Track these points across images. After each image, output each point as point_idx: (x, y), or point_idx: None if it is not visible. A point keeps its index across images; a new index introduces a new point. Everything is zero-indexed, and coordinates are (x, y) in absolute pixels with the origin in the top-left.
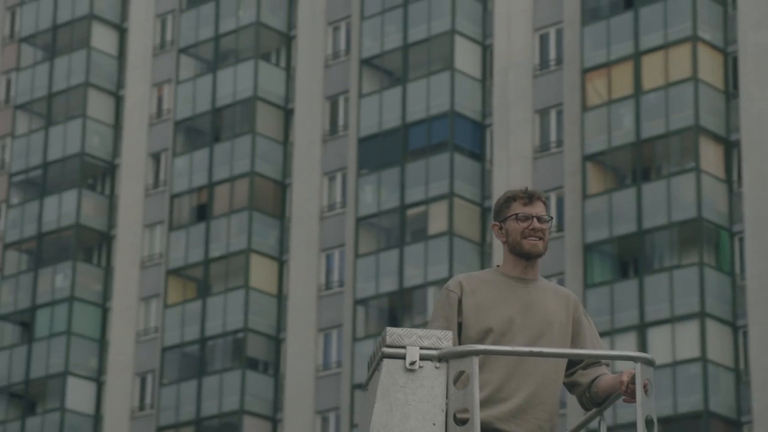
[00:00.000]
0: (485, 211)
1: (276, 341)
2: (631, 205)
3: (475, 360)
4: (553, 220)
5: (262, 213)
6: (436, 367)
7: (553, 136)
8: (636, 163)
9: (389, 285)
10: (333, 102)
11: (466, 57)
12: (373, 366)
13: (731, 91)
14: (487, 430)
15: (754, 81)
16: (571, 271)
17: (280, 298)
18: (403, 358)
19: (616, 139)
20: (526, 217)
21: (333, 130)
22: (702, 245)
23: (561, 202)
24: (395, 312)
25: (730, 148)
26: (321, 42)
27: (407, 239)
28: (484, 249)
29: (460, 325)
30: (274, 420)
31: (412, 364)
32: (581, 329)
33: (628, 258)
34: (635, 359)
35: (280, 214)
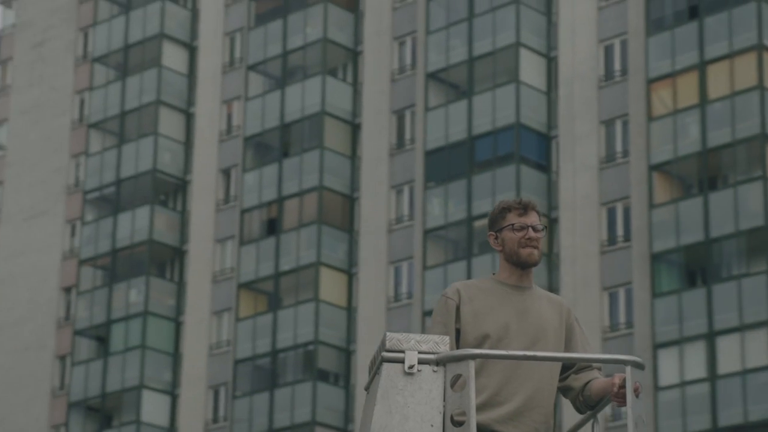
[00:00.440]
0: (552, 222)
1: (346, 353)
2: (698, 214)
3: (472, 364)
4: (546, 230)
5: (330, 226)
6: (434, 371)
7: (618, 147)
8: (702, 172)
9: None
10: (399, 116)
11: (531, 69)
12: (374, 370)
13: None
14: None
15: None
16: (638, 280)
17: (350, 310)
18: (402, 362)
19: (682, 148)
20: (522, 227)
21: (400, 143)
22: None
23: (627, 212)
24: None
25: None
26: (387, 57)
27: (475, 251)
28: (550, 259)
29: (458, 332)
30: (345, 431)
31: (411, 367)
32: (573, 335)
33: (696, 267)
34: (625, 362)
35: (348, 227)
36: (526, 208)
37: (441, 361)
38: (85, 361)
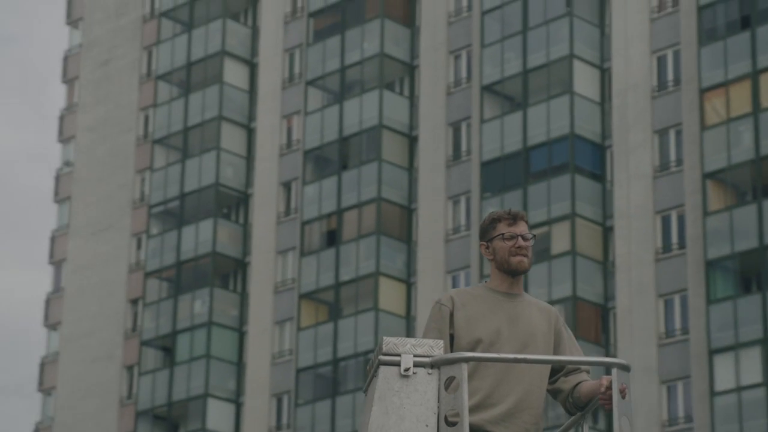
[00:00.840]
0: (607, 231)
1: None
2: (752, 220)
3: (464, 366)
4: (535, 239)
5: (389, 237)
6: (429, 374)
7: (672, 156)
8: (756, 180)
9: None
10: (455, 128)
11: (584, 80)
12: (371, 373)
13: None
14: None
15: None
16: (693, 287)
17: (409, 319)
18: (398, 365)
19: (736, 156)
20: (512, 237)
21: (456, 155)
22: None
23: (682, 220)
24: None
25: None
26: (443, 70)
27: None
28: (606, 267)
29: (452, 336)
30: None
31: (407, 370)
32: (562, 340)
33: (751, 273)
34: (612, 365)
35: (406, 237)
36: (515, 219)
37: (435, 364)
38: (152, 371)
